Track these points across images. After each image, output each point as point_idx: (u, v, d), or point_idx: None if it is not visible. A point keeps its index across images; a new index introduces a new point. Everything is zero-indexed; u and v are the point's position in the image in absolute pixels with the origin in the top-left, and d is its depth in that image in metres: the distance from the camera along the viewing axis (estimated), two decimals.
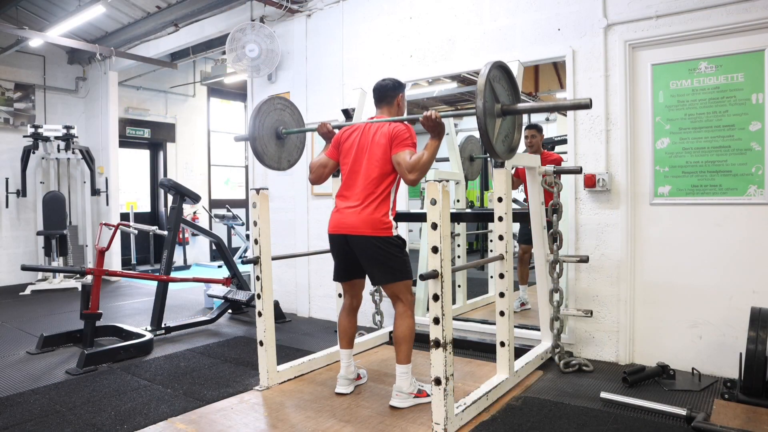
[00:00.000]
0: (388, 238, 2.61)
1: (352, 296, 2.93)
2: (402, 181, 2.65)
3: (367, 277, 2.85)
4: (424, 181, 2.72)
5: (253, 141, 2.95)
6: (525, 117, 5.00)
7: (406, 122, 2.67)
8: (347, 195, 2.69)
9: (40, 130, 6.48)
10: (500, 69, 2.34)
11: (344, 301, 2.96)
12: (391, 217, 2.63)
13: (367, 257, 2.67)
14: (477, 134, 5.52)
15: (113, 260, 7.00)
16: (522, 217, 3.43)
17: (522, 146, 4.85)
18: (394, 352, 2.67)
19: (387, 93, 2.82)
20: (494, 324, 2.93)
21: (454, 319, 3.15)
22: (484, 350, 3.55)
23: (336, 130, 2.92)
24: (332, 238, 2.75)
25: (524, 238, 4.41)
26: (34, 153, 6.57)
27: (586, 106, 2.16)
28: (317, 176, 2.86)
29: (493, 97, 2.22)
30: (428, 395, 2.59)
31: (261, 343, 2.92)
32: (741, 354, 2.62)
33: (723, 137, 3.05)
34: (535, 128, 4.28)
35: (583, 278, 3.47)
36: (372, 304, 3.95)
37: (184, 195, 4.57)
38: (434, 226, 2.24)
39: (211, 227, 8.79)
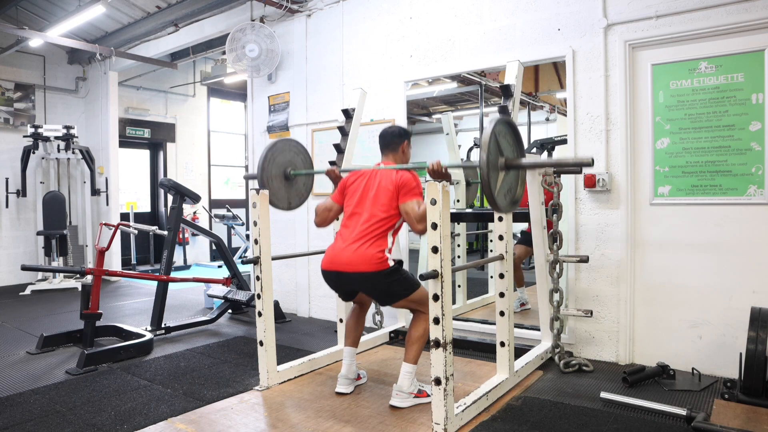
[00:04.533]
0: (382, 272, 2.57)
1: (361, 301, 2.99)
2: (404, 226, 2.68)
3: None
4: (424, 181, 2.72)
5: (261, 180, 3.01)
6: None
7: (412, 170, 2.72)
8: (345, 234, 2.70)
9: (40, 130, 6.49)
10: (506, 125, 2.35)
11: (353, 304, 3.00)
12: (387, 254, 2.60)
13: (365, 289, 2.73)
14: (477, 133, 5.52)
15: (113, 260, 7.00)
16: (522, 217, 3.42)
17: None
18: (404, 351, 2.68)
19: (392, 140, 2.87)
20: (494, 324, 2.93)
21: (454, 319, 3.15)
22: (484, 350, 3.55)
23: (343, 174, 2.99)
24: (325, 274, 2.75)
25: (520, 239, 4.41)
26: (34, 153, 6.57)
27: (588, 164, 2.18)
28: (322, 219, 2.91)
29: (498, 151, 2.24)
30: (428, 395, 2.60)
31: (261, 343, 2.92)
32: (741, 354, 2.62)
33: (723, 137, 3.05)
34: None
35: (583, 278, 3.47)
36: (372, 303, 3.95)
37: (184, 195, 4.57)
38: (434, 226, 2.24)
39: (211, 227, 8.79)
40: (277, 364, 3.02)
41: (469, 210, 4.86)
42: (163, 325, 4.25)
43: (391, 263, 2.60)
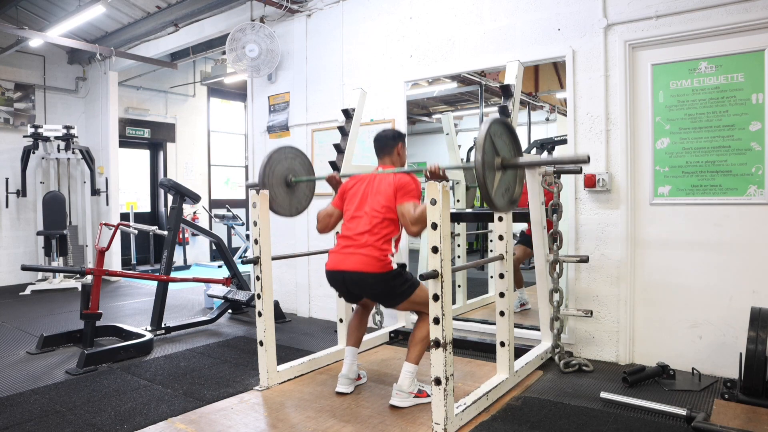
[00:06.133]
0: (386, 274, 2.59)
1: (365, 303, 3.01)
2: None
3: None
4: (424, 181, 2.72)
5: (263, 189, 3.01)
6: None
7: (411, 173, 2.73)
8: (347, 235, 2.71)
9: (40, 130, 6.49)
10: (502, 125, 2.35)
11: (357, 305, 3.01)
12: (390, 256, 2.62)
13: (368, 293, 2.74)
14: (477, 133, 5.52)
15: (113, 260, 7.00)
16: (522, 217, 3.42)
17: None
18: (407, 350, 2.68)
19: (387, 143, 2.90)
20: (494, 324, 2.93)
21: (454, 319, 3.15)
22: (484, 350, 3.55)
23: (344, 179, 3.00)
24: (330, 275, 2.76)
25: (519, 239, 4.41)
26: (34, 153, 6.57)
27: (585, 161, 2.21)
28: (323, 225, 2.94)
29: (493, 151, 2.24)
30: (428, 395, 2.60)
31: (261, 343, 2.92)
32: (741, 354, 2.62)
33: (723, 137, 3.05)
34: None
35: (583, 278, 3.47)
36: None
37: (184, 195, 4.57)
38: (434, 226, 2.24)
39: (211, 227, 8.79)
40: (277, 364, 3.02)
41: (469, 210, 4.86)
42: (163, 325, 4.25)
43: (394, 266, 2.62)
